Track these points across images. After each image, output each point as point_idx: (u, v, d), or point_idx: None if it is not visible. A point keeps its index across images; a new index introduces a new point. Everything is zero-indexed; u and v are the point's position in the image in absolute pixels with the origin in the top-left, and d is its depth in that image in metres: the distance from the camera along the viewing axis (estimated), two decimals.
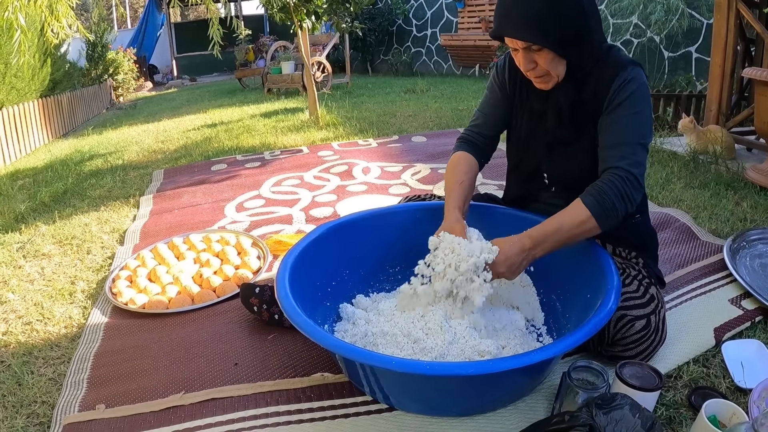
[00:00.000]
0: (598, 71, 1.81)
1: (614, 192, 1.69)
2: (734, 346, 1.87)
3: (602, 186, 1.72)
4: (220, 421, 1.71)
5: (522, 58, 1.78)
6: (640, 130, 1.75)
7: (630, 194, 1.71)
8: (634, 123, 1.75)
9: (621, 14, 7.16)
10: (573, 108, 1.88)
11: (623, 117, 1.76)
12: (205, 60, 16.59)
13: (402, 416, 1.68)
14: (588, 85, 1.83)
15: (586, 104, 1.85)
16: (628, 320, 1.73)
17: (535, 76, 1.84)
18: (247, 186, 4.17)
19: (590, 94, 1.83)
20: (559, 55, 1.75)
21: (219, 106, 8.95)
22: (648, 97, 1.79)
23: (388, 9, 12.74)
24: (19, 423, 1.78)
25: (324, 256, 2.11)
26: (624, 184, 1.70)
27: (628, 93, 1.74)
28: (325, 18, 6.32)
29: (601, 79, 1.80)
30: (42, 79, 7.06)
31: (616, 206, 1.70)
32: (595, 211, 1.70)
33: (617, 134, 1.76)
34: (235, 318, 2.32)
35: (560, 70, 1.80)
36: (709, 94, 4.33)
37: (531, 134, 2.04)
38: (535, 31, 1.68)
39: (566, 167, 1.97)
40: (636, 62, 1.81)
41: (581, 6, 1.70)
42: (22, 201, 4.20)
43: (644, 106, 1.77)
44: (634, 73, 1.75)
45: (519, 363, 1.42)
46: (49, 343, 2.26)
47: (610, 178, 1.72)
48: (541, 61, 1.76)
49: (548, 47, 1.71)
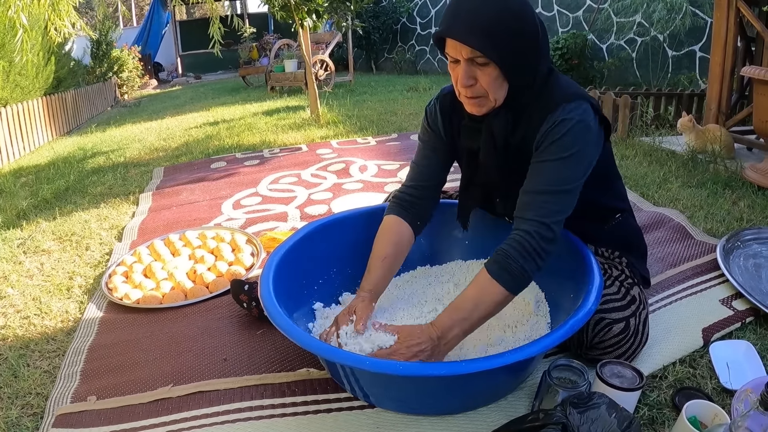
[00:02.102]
0: (533, 107, 1.68)
1: (521, 254, 1.58)
2: (722, 347, 1.85)
3: (507, 249, 1.61)
4: (206, 413, 1.75)
5: (462, 71, 1.61)
6: (563, 177, 1.62)
7: (539, 249, 1.59)
8: (555, 171, 1.62)
9: (624, 12, 7.15)
10: (506, 144, 1.76)
11: (543, 164, 1.64)
12: (209, 58, 16.46)
13: (383, 413, 1.69)
14: (520, 126, 1.72)
15: (518, 147, 1.74)
16: (606, 323, 1.72)
17: (469, 96, 1.66)
18: (244, 183, 4.21)
19: (519, 138, 1.73)
20: (503, 76, 1.60)
21: (222, 104, 9.00)
22: (586, 134, 1.63)
23: (392, 7, 12.75)
24: (14, 413, 1.83)
25: (311, 254, 2.12)
26: (531, 240, 1.59)
27: (555, 137, 1.61)
28: (326, 16, 6.35)
29: (532, 121, 1.68)
30: (46, 77, 7.11)
31: (525, 269, 1.58)
32: (502, 280, 1.59)
33: (537, 182, 1.64)
34: (226, 313, 2.36)
35: (499, 95, 1.65)
36: (709, 93, 4.32)
37: (470, 182, 1.97)
38: (487, 41, 1.52)
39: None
40: (577, 95, 1.66)
41: (538, 26, 1.59)
42: (24, 198, 4.26)
43: (577, 147, 1.61)
44: (566, 113, 1.61)
45: (492, 364, 1.41)
46: (46, 336, 2.31)
47: (516, 238, 1.61)
48: (483, 78, 1.60)
49: (496, 62, 1.55)
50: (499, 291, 1.59)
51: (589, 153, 1.66)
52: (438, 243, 2.34)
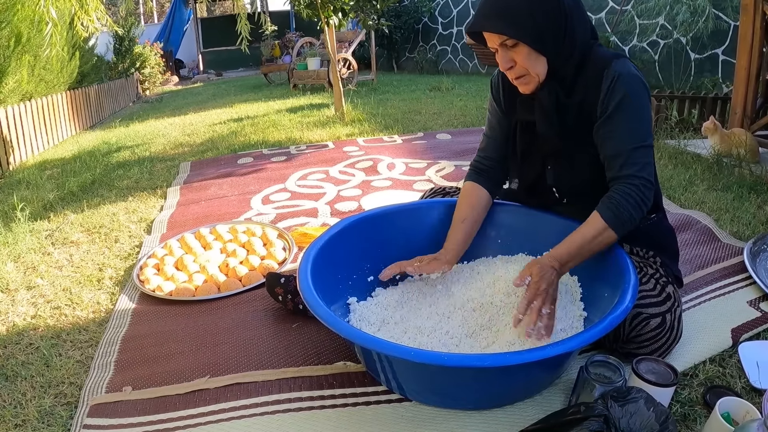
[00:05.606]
0: (585, 73, 1.78)
1: (630, 203, 1.69)
2: (751, 347, 1.86)
3: (618, 198, 1.71)
4: (244, 404, 1.74)
5: (500, 56, 1.76)
6: (641, 132, 1.73)
7: (645, 199, 1.71)
8: (634, 126, 1.73)
9: (647, 15, 7.11)
10: (560, 111, 1.84)
11: (621, 122, 1.73)
12: (231, 55, 16.67)
13: (421, 406, 1.69)
14: (575, 90, 1.80)
15: (577, 110, 1.82)
16: (644, 318, 1.73)
17: (514, 77, 1.81)
18: (273, 179, 4.21)
19: (579, 99, 1.80)
20: (536, 51, 1.72)
21: (245, 101, 9.02)
22: (640, 88, 1.74)
23: (414, 7, 12.73)
24: (47, 402, 1.82)
25: (346, 250, 2.11)
26: (638, 191, 1.70)
27: (620, 95, 1.71)
28: (351, 15, 6.34)
29: (589, 83, 1.77)
30: (70, 72, 7.15)
31: (633, 215, 1.70)
32: (613, 224, 1.71)
33: (619, 142, 1.74)
34: (260, 307, 2.35)
35: (539, 69, 1.76)
36: (734, 97, 4.26)
37: (527, 149, 2.02)
38: (506, 23, 1.67)
39: (571, 180, 1.95)
40: (619, 54, 1.78)
41: (559, 2, 1.69)
42: (50, 190, 4.27)
43: (639, 102, 1.73)
44: (619, 67, 1.72)
45: (534, 357, 1.42)
46: (78, 327, 2.30)
47: (624, 189, 1.71)
48: (518, 57, 1.73)
49: (522, 40, 1.68)
50: (610, 235, 1.73)
51: (648, 111, 1.77)
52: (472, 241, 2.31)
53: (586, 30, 1.80)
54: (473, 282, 2.13)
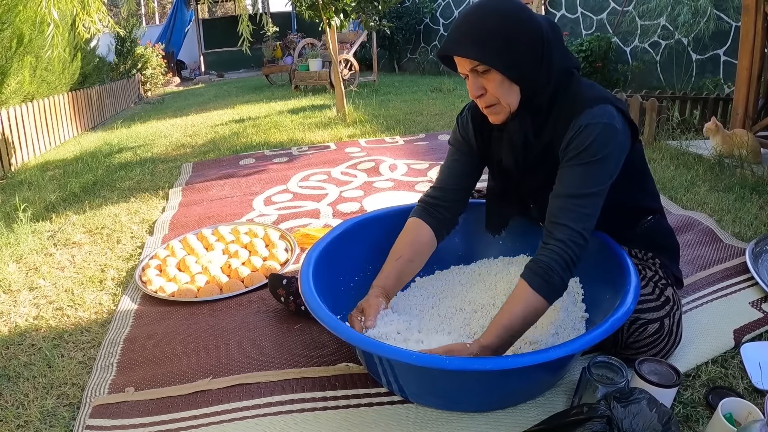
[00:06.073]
0: (557, 112, 1.69)
1: (560, 265, 1.59)
2: (753, 348, 1.86)
3: (546, 261, 1.60)
4: (247, 405, 1.74)
5: (470, 82, 1.66)
6: (594, 180, 1.62)
7: (575, 257, 1.60)
8: (588, 173, 1.62)
9: (649, 15, 7.11)
10: (527, 147, 1.76)
11: (575, 168, 1.63)
12: (232, 56, 16.70)
13: (423, 408, 1.69)
14: (545, 130, 1.72)
15: (542, 149, 1.75)
16: (641, 324, 1.72)
17: (484, 105, 1.71)
18: (274, 180, 4.21)
19: (546, 140, 1.73)
20: (508, 80, 1.62)
21: (246, 102, 9.02)
22: (613, 137, 1.61)
23: (415, 8, 12.74)
24: (49, 403, 1.82)
25: (348, 251, 2.12)
26: (567, 251, 1.59)
27: (582, 143, 1.60)
28: (353, 16, 6.34)
29: (558, 125, 1.68)
30: (72, 73, 7.15)
31: (564, 279, 1.60)
32: (545, 292, 1.59)
33: (566, 186, 1.64)
34: (262, 308, 2.35)
35: (511, 99, 1.66)
36: (736, 98, 4.26)
37: (503, 191, 1.98)
38: (479, 48, 1.57)
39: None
40: (600, 98, 1.66)
41: (537, 30, 1.60)
42: (52, 191, 4.27)
43: (604, 150, 1.60)
44: (589, 118, 1.61)
45: (536, 360, 1.43)
46: (80, 327, 2.30)
47: (554, 249, 1.60)
48: (489, 85, 1.64)
49: (495, 67, 1.58)
50: (543, 305, 1.61)
51: (616, 156, 1.65)
52: (473, 243, 2.32)
53: (563, 57, 1.70)
54: (475, 284, 2.14)
